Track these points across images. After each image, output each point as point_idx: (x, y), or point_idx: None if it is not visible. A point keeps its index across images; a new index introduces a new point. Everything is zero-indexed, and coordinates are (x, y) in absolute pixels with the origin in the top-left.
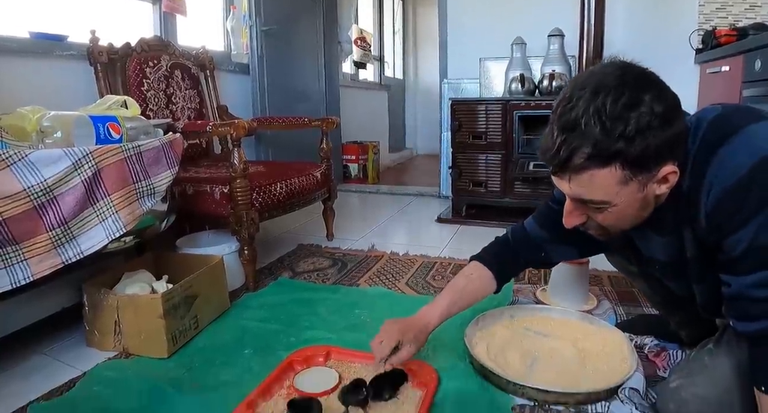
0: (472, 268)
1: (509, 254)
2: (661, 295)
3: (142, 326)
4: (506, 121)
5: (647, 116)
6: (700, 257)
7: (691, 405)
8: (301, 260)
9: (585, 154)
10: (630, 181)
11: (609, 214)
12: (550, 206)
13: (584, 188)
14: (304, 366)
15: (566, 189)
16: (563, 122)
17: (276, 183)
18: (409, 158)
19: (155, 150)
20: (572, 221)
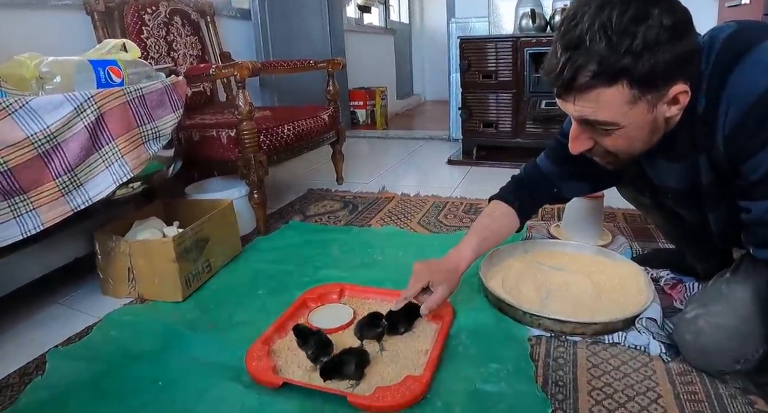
0: (493, 207)
1: (525, 191)
2: (675, 227)
3: (155, 271)
4: (517, 59)
5: (655, 29)
6: (716, 183)
7: (707, 334)
8: (312, 203)
9: (590, 72)
10: (638, 100)
11: (617, 137)
12: (559, 140)
13: (590, 109)
14: (318, 303)
15: (571, 111)
16: (567, 39)
17: (283, 125)
18: (418, 104)
19: (158, 92)
20: (578, 146)
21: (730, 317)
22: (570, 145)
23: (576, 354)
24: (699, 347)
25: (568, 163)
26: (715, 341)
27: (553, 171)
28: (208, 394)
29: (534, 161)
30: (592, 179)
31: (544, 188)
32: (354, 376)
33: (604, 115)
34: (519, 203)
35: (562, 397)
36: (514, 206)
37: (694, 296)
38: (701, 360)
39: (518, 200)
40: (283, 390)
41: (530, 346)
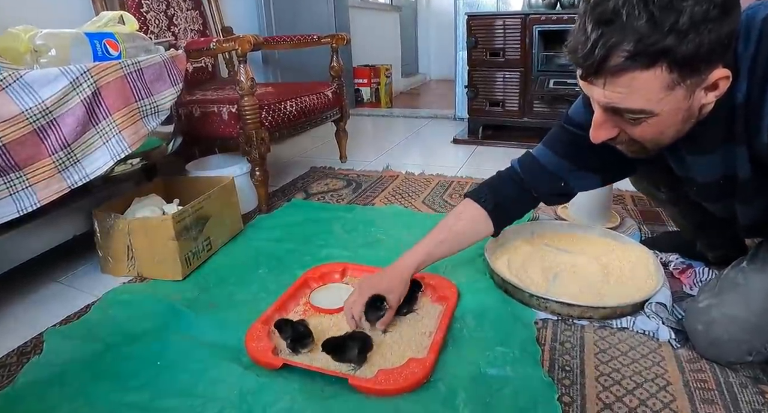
0: (463, 206)
1: (515, 190)
2: (692, 218)
3: (154, 249)
4: (525, 36)
5: (705, 4)
6: (754, 176)
7: (720, 325)
8: (315, 181)
9: (626, 52)
10: (677, 86)
11: (647, 126)
12: (565, 128)
13: (622, 95)
14: (320, 283)
15: (599, 96)
16: (599, 13)
17: (286, 101)
18: (423, 82)
19: (157, 66)
20: (602, 134)
21: (744, 308)
22: (592, 133)
23: (583, 339)
24: (710, 338)
25: (578, 154)
26: (727, 332)
27: (557, 164)
28: (206, 375)
29: (529, 155)
30: (603, 171)
31: (548, 183)
32: (356, 361)
33: (637, 102)
34: (494, 205)
35: (569, 382)
36: (486, 208)
37: (707, 284)
38: (712, 350)
39: (495, 201)
40: (283, 372)
41: (537, 329)
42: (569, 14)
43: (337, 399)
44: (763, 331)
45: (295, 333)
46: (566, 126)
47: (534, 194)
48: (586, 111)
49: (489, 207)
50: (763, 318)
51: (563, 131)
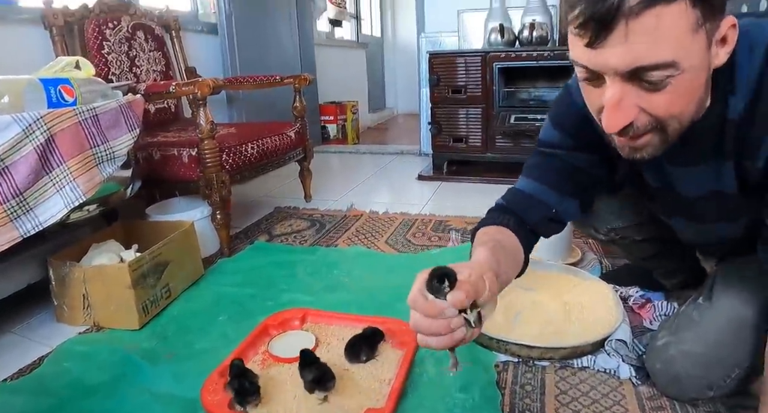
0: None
1: (511, 220)
2: (651, 245)
3: (111, 297)
4: (486, 73)
5: None
6: (741, 193)
7: (678, 362)
8: (279, 222)
9: None
10: (699, 29)
11: (673, 91)
12: (541, 152)
13: (647, 44)
14: (279, 330)
15: (618, 58)
16: None
17: (247, 143)
18: (390, 117)
19: (113, 112)
20: (622, 117)
21: (701, 344)
22: (609, 118)
23: (544, 380)
24: (671, 375)
25: (558, 178)
26: (686, 369)
27: (540, 191)
28: None
29: (513, 189)
30: (583, 194)
31: (536, 210)
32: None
33: (664, 50)
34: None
35: None
36: (508, 226)
37: (665, 321)
38: (673, 388)
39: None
40: None
41: (497, 373)
42: (528, 51)
43: None
44: (720, 365)
45: (240, 387)
46: (541, 149)
47: (528, 224)
48: (557, 132)
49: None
50: (718, 352)
51: (539, 156)
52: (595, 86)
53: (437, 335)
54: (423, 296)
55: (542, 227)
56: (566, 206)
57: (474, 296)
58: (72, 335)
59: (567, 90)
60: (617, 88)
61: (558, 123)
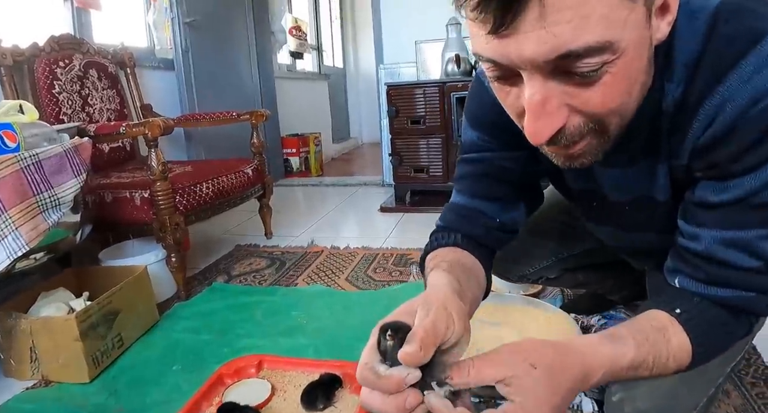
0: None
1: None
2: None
3: (58, 350)
4: (444, 103)
5: None
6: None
7: None
8: (238, 261)
9: None
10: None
11: (610, 81)
12: (467, 161)
13: (571, 21)
14: (234, 379)
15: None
16: None
17: (202, 183)
18: (355, 147)
19: (57, 157)
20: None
21: (654, 400)
22: (532, 126)
23: None
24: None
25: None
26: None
27: (479, 205)
28: None
29: (447, 206)
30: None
31: (479, 224)
32: None
33: (595, 28)
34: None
35: None
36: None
37: None
38: None
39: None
40: None
41: None
42: None
43: None
44: (677, 404)
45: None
46: (465, 157)
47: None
48: (476, 132)
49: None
50: (669, 402)
51: (465, 165)
52: (512, 85)
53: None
54: (371, 368)
55: (491, 240)
56: (510, 214)
57: (434, 342)
58: (19, 390)
59: (479, 80)
60: (538, 87)
61: (475, 122)
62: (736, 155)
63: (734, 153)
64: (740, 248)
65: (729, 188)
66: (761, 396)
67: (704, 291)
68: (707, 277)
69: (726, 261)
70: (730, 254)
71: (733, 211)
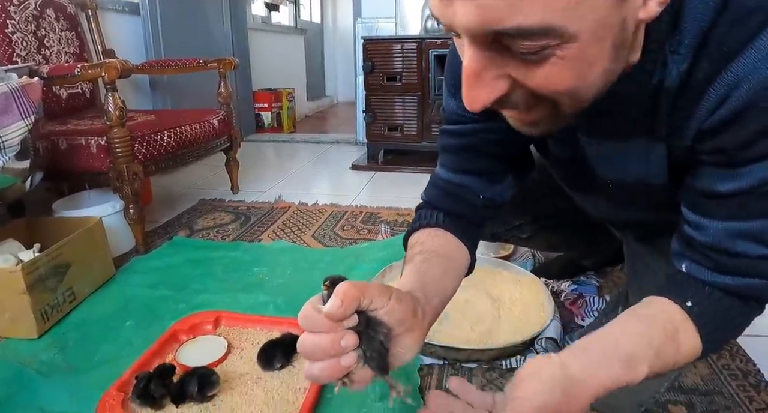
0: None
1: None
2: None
3: (5, 304)
4: (422, 60)
5: None
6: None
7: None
8: (201, 216)
9: None
10: None
11: (558, 63)
12: (446, 132)
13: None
14: (190, 335)
15: (465, 15)
16: None
17: (163, 132)
18: (330, 106)
19: (2, 97)
20: (481, 95)
21: None
22: (465, 96)
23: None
24: (601, 403)
25: (476, 160)
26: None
27: (462, 180)
28: None
29: (432, 179)
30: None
31: (463, 203)
32: (197, 398)
33: (533, 10)
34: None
35: None
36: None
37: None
38: (604, 409)
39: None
40: None
41: (421, 377)
42: None
43: None
44: (647, 386)
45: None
46: (447, 128)
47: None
48: (458, 101)
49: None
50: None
51: (447, 137)
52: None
53: (321, 358)
54: (313, 305)
55: (476, 217)
56: (496, 188)
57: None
58: None
59: (455, 52)
60: (475, 56)
61: (454, 89)
62: (747, 141)
63: (745, 138)
64: (750, 238)
65: (737, 176)
66: (726, 367)
67: (714, 279)
68: (716, 265)
69: (735, 252)
70: (739, 245)
71: (742, 202)
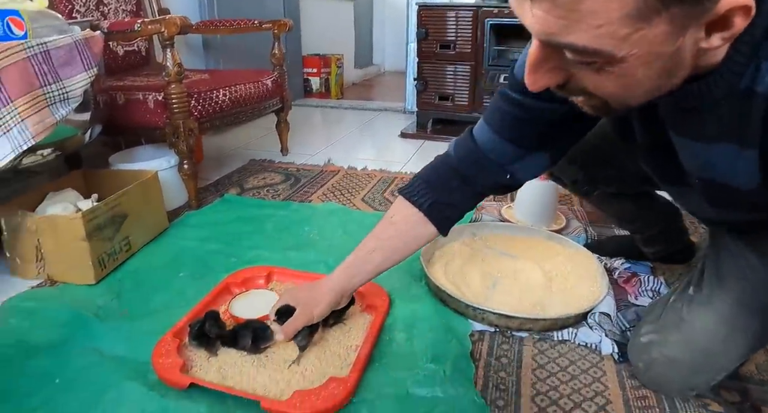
0: (395, 207)
1: (455, 183)
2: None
3: (64, 250)
4: (477, 29)
5: None
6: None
7: (660, 365)
8: (252, 175)
9: None
10: (654, 17)
11: (607, 76)
12: (507, 97)
13: (561, 22)
14: (242, 289)
15: (530, 21)
16: None
17: (218, 90)
18: (377, 74)
19: (67, 48)
20: (539, 80)
21: (685, 350)
22: (527, 77)
23: (521, 353)
24: (651, 377)
25: (524, 132)
26: (668, 375)
27: (501, 150)
28: (107, 395)
29: (468, 135)
30: (554, 147)
31: (489, 176)
32: (251, 350)
33: (582, 37)
34: (431, 203)
35: (502, 403)
36: (421, 208)
37: (651, 309)
38: (652, 386)
39: (432, 199)
40: (191, 392)
41: (472, 343)
42: None
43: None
44: (704, 370)
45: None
46: (509, 94)
47: (475, 188)
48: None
49: (424, 207)
50: (706, 358)
51: (505, 102)
52: None
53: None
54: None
55: (491, 191)
56: (527, 162)
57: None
58: (24, 289)
59: None
60: (537, 47)
61: None
62: None
63: None
64: None
65: None
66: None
67: None
68: None
69: None
70: None
71: None
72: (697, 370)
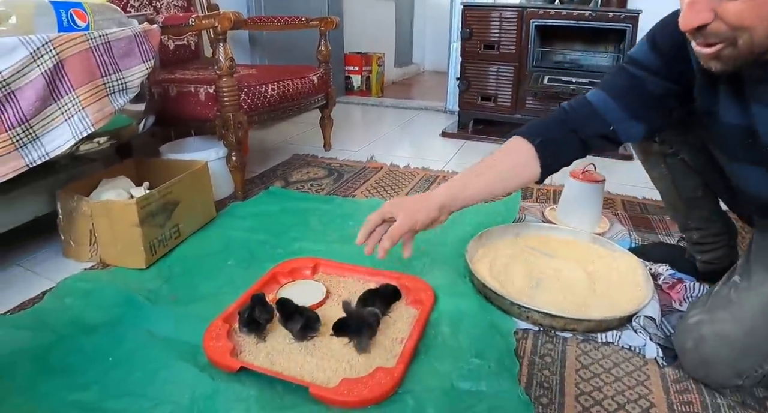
0: (508, 142)
1: (561, 129)
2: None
3: (117, 234)
4: (521, 30)
5: None
6: None
7: (710, 343)
8: (296, 169)
9: None
10: None
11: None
12: (625, 69)
13: None
14: (289, 278)
15: None
16: None
17: (267, 85)
18: (416, 73)
19: (126, 40)
20: (695, 17)
21: (736, 326)
22: (684, 15)
23: (565, 352)
24: (700, 356)
25: (633, 98)
26: (718, 351)
27: (608, 106)
28: (159, 375)
29: (582, 97)
30: (653, 119)
31: (593, 123)
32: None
33: None
34: (542, 140)
35: (546, 401)
36: (533, 143)
37: (698, 300)
38: (701, 370)
39: (543, 135)
40: (241, 375)
41: (516, 341)
42: (567, 10)
43: (294, 410)
44: (753, 352)
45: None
46: (627, 67)
47: (580, 135)
48: (652, 54)
49: (536, 142)
50: (754, 338)
51: (622, 73)
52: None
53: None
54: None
55: (593, 142)
56: (628, 126)
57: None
58: (77, 271)
59: (674, 15)
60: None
61: (655, 45)
62: None
63: None
64: None
65: None
66: None
67: None
68: None
69: None
70: None
71: None
72: (745, 348)
